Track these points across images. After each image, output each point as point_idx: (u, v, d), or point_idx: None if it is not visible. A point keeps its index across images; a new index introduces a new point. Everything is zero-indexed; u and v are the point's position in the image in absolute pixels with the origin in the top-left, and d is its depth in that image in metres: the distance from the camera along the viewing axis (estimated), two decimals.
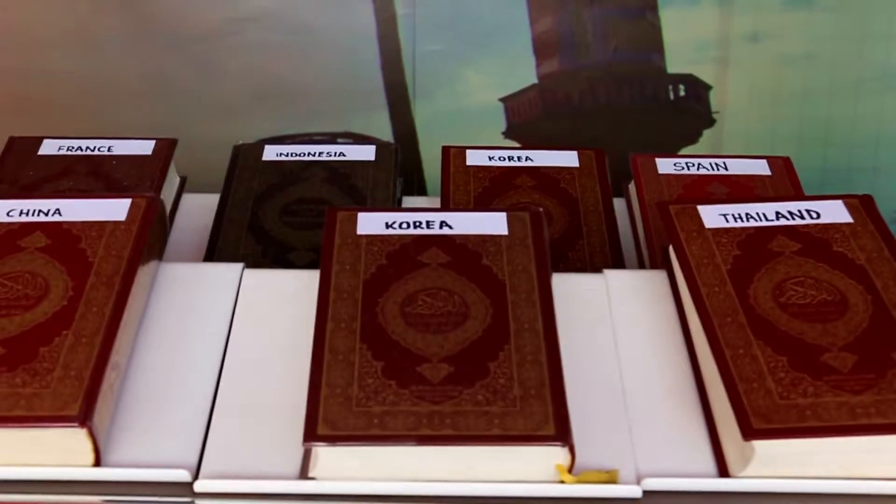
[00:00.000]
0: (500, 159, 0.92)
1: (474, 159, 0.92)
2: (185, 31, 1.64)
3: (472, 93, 1.71)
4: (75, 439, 0.60)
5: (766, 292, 0.66)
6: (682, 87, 1.69)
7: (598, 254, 0.84)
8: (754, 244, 0.70)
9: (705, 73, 1.65)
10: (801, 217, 0.72)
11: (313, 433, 0.59)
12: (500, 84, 1.68)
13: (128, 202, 0.73)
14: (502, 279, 0.68)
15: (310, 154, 0.93)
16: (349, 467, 0.60)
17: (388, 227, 0.71)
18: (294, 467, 0.62)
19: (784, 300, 0.65)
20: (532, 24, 1.65)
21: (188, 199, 0.94)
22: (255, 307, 0.72)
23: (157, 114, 1.66)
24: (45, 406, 0.61)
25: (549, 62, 1.69)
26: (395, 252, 0.69)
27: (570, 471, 0.60)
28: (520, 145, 1.66)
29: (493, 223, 0.71)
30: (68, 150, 0.92)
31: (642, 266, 0.86)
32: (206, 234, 0.87)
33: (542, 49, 1.68)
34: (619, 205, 0.91)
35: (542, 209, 0.73)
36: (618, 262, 0.83)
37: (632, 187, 0.92)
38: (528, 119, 1.71)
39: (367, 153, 0.93)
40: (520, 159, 0.92)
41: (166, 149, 0.93)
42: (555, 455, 0.59)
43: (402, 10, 1.63)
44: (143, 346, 0.69)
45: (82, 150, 0.92)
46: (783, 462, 0.60)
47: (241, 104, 1.67)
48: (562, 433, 0.59)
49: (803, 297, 0.66)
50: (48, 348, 0.64)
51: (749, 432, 0.58)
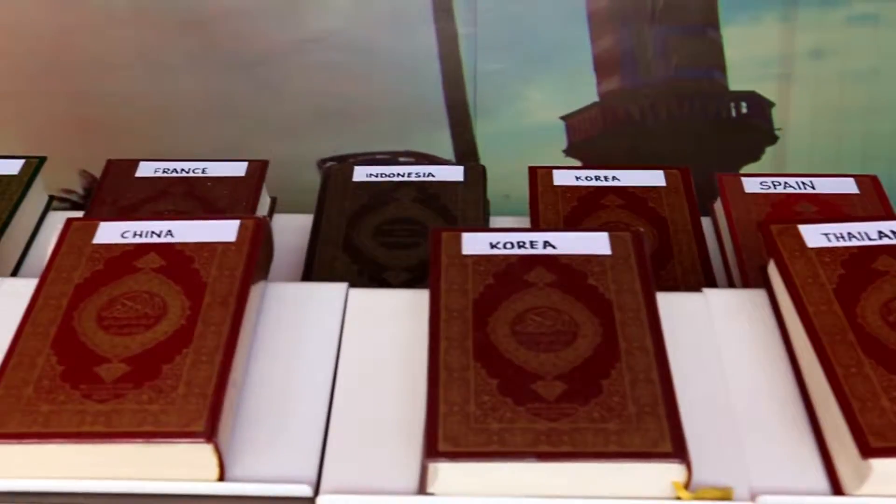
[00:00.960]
0: (586, 179, 0.93)
1: (561, 179, 0.93)
2: (249, 52, 1.68)
3: (533, 111, 1.73)
4: (201, 454, 0.62)
5: (874, 311, 0.67)
6: (744, 104, 1.70)
7: (689, 273, 0.84)
8: (858, 263, 0.70)
9: (768, 90, 1.66)
10: None
11: (435, 449, 0.60)
12: (561, 102, 1.70)
13: (237, 223, 0.76)
14: (609, 298, 0.69)
15: (399, 175, 0.95)
16: (467, 483, 0.61)
17: (492, 247, 0.73)
18: (411, 483, 0.63)
19: (893, 319, 0.66)
20: (593, 42, 1.67)
21: (278, 220, 0.96)
22: (362, 325, 0.73)
23: (221, 134, 1.70)
24: (171, 422, 0.63)
25: (609, 80, 1.70)
26: (502, 272, 0.71)
27: (686, 488, 0.61)
28: (581, 164, 1.68)
29: (595, 243, 0.73)
30: (164, 172, 0.95)
31: (731, 284, 0.87)
32: (299, 253, 0.89)
33: (602, 67, 1.69)
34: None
35: (641, 229, 0.74)
36: (709, 281, 0.84)
37: (717, 206, 0.93)
38: (588, 137, 1.72)
39: (455, 174, 0.94)
40: (606, 179, 0.93)
41: (259, 170, 0.95)
42: (671, 472, 0.60)
43: (463, 29, 1.66)
44: (256, 364, 0.71)
45: (178, 171, 0.95)
46: None
47: (303, 124, 1.70)
48: (679, 450, 0.60)
49: None
50: (170, 366, 0.66)
51: (867, 451, 0.59)
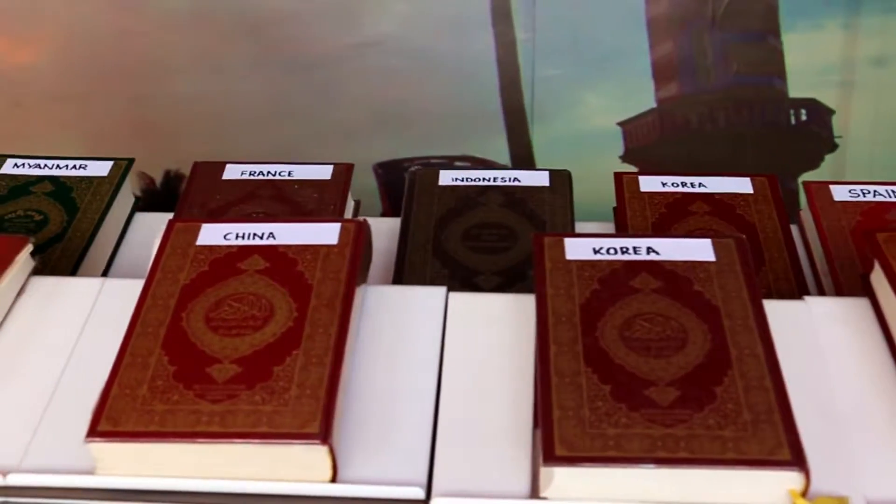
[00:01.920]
0: (672, 185, 0.93)
1: (647, 185, 0.93)
2: (307, 56, 1.69)
3: (590, 117, 1.73)
4: (316, 456, 0.63)
5: None
6: (803, 111, 1.69)
7: (781, 280, 0.84)
8: None
9: (828, 98, 1.65)
10: None
11: (552, 454, 0.60)
12: (618, 108, 1.70)
13: (338, 226, 0.76)
14: (716, 305, 0.69)
15: (484, 179, 0.95)
16: (582, 488, 0.61)
17: (595, 252, 0.73)
18: (522, 486, 0.63)
19: None
20: (651, 48, 1.67)
21: None
22: (463, 329, 0.74)
23: (278, 137, 1.71)
24: (286, 423, 0.63)
25: (668, 86, 1.70)
26: (607, 277, 0.71)
27: (803, 496, 0.60)
28: (637, 169, 1.68)
29: (699, 249, 0.72)
30: (250, 174, 0.96)
31: (821, 292, 0.86)
32: (386, 256, 0.89)
33: (661, 73, 1.69)
34: None
35: (744, 236, 0.74)
36: (802, 289, 0.84)
37: (804, 214, 0.93)
38: (646, 143, 1.72)
39: (541, 179, 0.95)
40: (693, 185, 0.93)
41: (344, 173, 0.96)
42: (789, 480, 0.60)
43: (521, 35, 1.66)
44: (359, 366, 0.71)
45: (263, 174, 0.95)
46: None
47: (360, 127, 1.71)
48: (798, 458, 0.59)
49: None
50: (281, 367, 0.66)
51: None
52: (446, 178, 0.95)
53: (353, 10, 1.67)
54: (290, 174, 0.95)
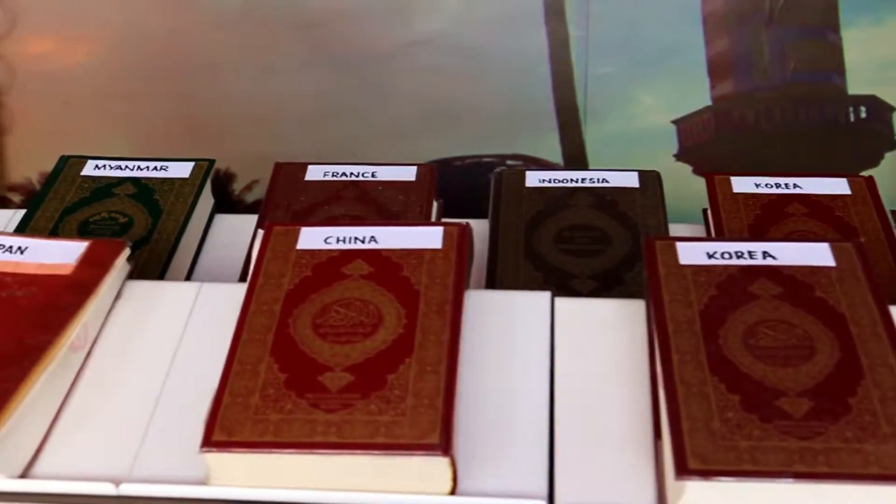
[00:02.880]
0: (766, 186, 0.91)
1: (741, 186, 0.91)
2: (357, 55, 1.67)
3: (644, 115, 1.70)
4: (436, 467, 0.61)
5: None
6: (863, 108, 1.66)
7: (888, 283, 0.82)
8: None
9: (889, 95, 1.62)
10: None
11: (685, 467, 0.58)
12: (672, 106, 1.67)
13: (440, 230, 0.74)
14: (841, 312, 0.66)
15: (572, 180, 0.93)
16: (714, 502, 0.60)
17: (709, 257, 0.71)
18: (646, 498, 0.61)
19: None
20: (707, 44, 1.64)
21: None
22: (572, 335, 0.72)
23: (329, 136, 1.70)
24: (405, 434, 0.61)
25: (723, 84, 1.67)
26: (724, 283, 0.69)
27: None
28: (692, 168, 1.65)
29: (817, 254, 0.70)
30: (333, 175, 0.94)
31: None
32: (476, 258, 0.87)
33: (716, 70, 1.66)
34: None
35: (863, 240, 0.72)
36: None
37: None
38: (701, 142, 1.69)
39: (630, 179, 0.93)
40: (787, 186, 0.91)
41: (429, 174, 0.94)
42: None
43: (575, 31, 1.63)
44: (469, 373, 0.69)
45: (347, 175, 0.94)
46: None
47: (411, 126, 1.69)
48: None
49: None
50: (395, 376, 0.65)
51: None
52: (533, 179, 0.94)
53: (404, 8, 1.65)
54: (373, 175, 0.94)
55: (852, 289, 0.68)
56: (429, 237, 0.74)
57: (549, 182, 0.93)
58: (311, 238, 0.74)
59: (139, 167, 0.94)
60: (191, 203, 0.90)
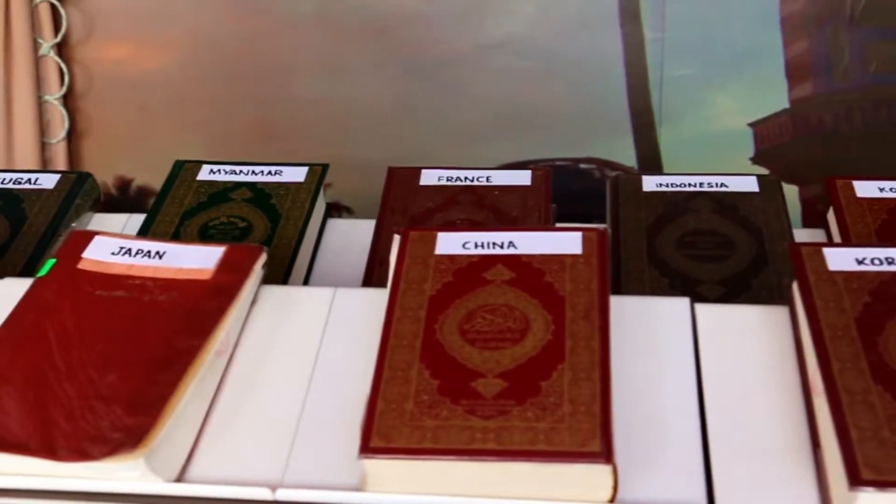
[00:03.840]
0: (891, 190, 0.89)
1: (864, 191, 0.90)
2: (432, 58, 1.68)
3: (720, 117, 1.69)
4: (598, 475, 0.60)
5: None
6: None
7: None
8: None
9: None
10: None
11: (858, 478, 0.57)
12: (749, 109, 1.66)
13: (579, 235, 0.74)
14: None
15: (690, 185, 0.92)
16: None
17: (859, 263, 0.70)
18: None
19: None
20: (786, 47, 1.62)
21: None
22: (717, 342, 0.71)
23: (402, 138, 1.70)
24: (564, 441, 0.61)
25: (802, 86, 1.66)
26: (878, 290, 0.68)
27: None
28: (768, 171, 1.64)
29: None
30: (447, 180, 0.94)
31: None
32: None
33: (795, 72, 1.64)
34: None
35: None
36: None
37: None
38: (777, 144, 1.68)
39: (749, 184, 0.92)
40: None
41: (544, 179, 0.93)
42: None
43: (650, 34, 1.63)
44: (616, 379, 0.68)
45: (461, 180, 0.94)
46: None
47: (483, 130, 1.69)
48: None
49: None
50: (548, 382, 0.64)
51: None
52: (650, 183, 0.93)
53: (478, 12, 1.65)
54: (488, 180, 0.93)
55: None
56: (568, 242, 0.73)
57: (667, 186, 0.92)
58: (450, 243, 0.74)
59: (253, 171, 0.95)
60: (308, 207, 0.91)
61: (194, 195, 0.92)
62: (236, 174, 0.94)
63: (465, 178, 0.94)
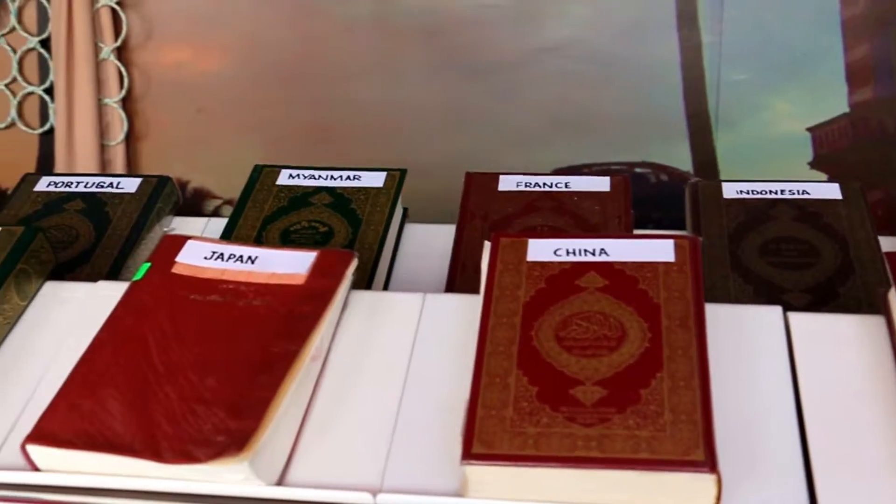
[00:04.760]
0: None
1: None
2: (486, 61, 1.68)
3: (778, 122, 1.68)
4: (702, 485, 0.60)
5: None
6: None
7: None
8: None
9: None
10: None
11: None
12: (807, 113, 1.65)
13: (671, 243, 0.74)
14: None
15: (771, 192, 0.92)
16: None
17: None
18: None
19: None
20: (846, 51, 1.61)
21: None
22: (813, 351, 0.71)
23: (456, 142, 1.70)
24: (667, 450, 0.61)
25: (862, 90, 1.64)
26: None
27: None
28: (827, 176, 1.62)
29: None
30: (525, 185, 0.94)
31: None
32: None
33: (855, 76, 1.63)
34: None
35: None
36: None
37: None
38: (836, 149, 1.66)
39: (832, 191, 0.91)
40: None
41: (623, 185, 0.93)
42: None
43: (708, 38, 1.62)
44: (714, 388, 0.68)
45: (540, 185, 0.94)
46: None
47: (538, 133, 1.69)
48: None
49: None
50: (648, 390, 0.64)
51: None
52: (730, 190, 0.93)
53: (534, 15, 1.65)
54: (566, 185, 0.94)
55: None
56: (660, 250, 0.73)
57: (748, 193, 0.92)
58: (541, 249, 0.74)
59: (332, 176, 0.95)
60: (388, 212, 0.91)
61: (274, 200, 0.93)
62: (315, 179, 0.95)
63: (544, 184, 0.94)
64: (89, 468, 0.65)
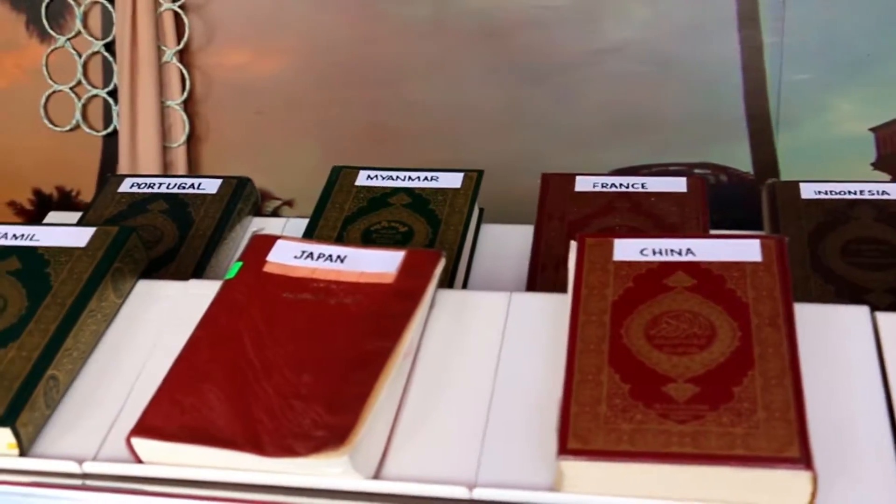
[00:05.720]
0: None
1: None
2: (546, 62, 1.68)
3: (840, 122, 1.67)
4: (798, 482, 0.61)
5: None
6: None
7: None
8: None
9: None
10: None
11: None
12: (871, 113, 1.63)
13: (757, 243, 0.74)
14: None
15: (850, 192, 0.92)
16: None
17: None
18: None
19: None
20: None
21: None
22: None
23: (515, 143, 1.71)
24: (762, 447, 0.62)
25: None
26: None
27: None
28: (890, 177, 1.61)
29: None
30: (602, 186, 0.95)
31: None
32: None
33: None
34: None
35: None
36: None
37: None
38: None
39: None
40: None
41: (700, 186, 0.94)
42: None
43: (769, 38, 1.61)
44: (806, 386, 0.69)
45: (616, 186, 0.95)
46: None
47: (596, 134, 1.69)
48: None
49: None
50: (740, 388, 0.65)
51: None
52: (808, 190, 0.93)
53: (594, 16, 1.65)
54: (643, 186, 0.94)
55: None
56: (747, 250, 0.74)
57: (826, 194, 0.92)
58: (627, 249, 0.75)
59: (410, 177, 0.97)
60: (467, 213, 0.92)
61: (354, 200, 0.95)
62: (393, 180, 0.97)
63: (621, 185, 0.95)
64: (191, 461, 0.67)
